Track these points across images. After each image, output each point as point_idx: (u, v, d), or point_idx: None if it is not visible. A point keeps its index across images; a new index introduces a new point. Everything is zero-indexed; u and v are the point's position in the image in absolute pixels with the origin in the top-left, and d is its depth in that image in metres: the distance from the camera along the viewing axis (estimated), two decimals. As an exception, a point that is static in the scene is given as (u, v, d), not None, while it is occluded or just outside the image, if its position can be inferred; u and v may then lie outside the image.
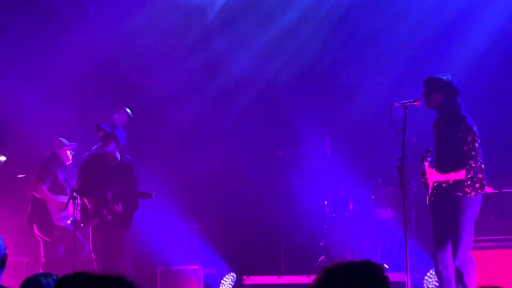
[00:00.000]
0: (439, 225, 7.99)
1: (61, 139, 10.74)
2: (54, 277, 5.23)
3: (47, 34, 12.04)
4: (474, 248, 8.21)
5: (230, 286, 11.32)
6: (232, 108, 12.39)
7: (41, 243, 10.45)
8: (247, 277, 11.20)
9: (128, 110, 10.84)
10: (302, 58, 12.04)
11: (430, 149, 7.87)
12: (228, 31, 12.37)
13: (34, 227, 10.42)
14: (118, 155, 9.72)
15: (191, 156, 12.36)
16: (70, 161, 10.75)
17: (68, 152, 10.72)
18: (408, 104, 7.88)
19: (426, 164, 7.87)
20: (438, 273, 8.05)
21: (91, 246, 9.78)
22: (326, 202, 11.24)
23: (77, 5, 12.62)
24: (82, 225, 9.72)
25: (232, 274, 11.39)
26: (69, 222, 10.32)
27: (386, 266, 10.14)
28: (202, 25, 12.52)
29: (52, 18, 12.24)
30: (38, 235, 10.43)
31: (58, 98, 12.00)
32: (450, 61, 10.43)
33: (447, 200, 7.88)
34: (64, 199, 10.11)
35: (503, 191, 9.84)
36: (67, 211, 10.24)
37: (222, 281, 11.34)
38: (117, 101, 11.74)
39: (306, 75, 12.16)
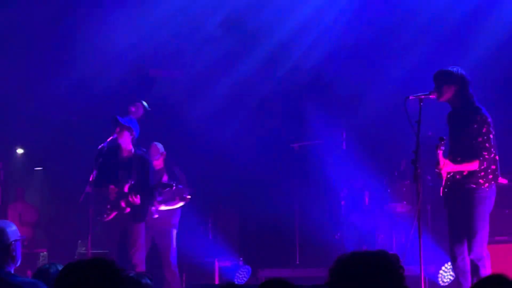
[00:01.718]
0: (454, 218, 7.94)
1: None
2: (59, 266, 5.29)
3: (68, 29, 12.04)
4: (490, 242, 8.15)
5: (245, 279, 11.34)
6: (248, 102, 12.38)
7: None
8: (262, 269, 11.19)
9: (144, 103, 10.82)
10: (319, 56, 11.99)
11: (444, 138, 7.82)
12: (240, 32, 12.36)
13: None
14: (132, 147, 9.68)
15: (208, 152, 12.34)
16: None
17: None
18: (423, 96, 7.82)
19: (440, 152, 7.80)
20: (455, 266, 7.99)
21: (106, 241, 9.78)
22: (341, 195, 11.23)
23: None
24: (98, 218, 9.63)
25: (247, 267, 11.43)
26: None
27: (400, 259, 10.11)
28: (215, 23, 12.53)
29: (72, 13, 12.24)
30: None
31: (77, 91, 11.99)
32: (461, 56, 10.40)
33: (461, 192, 7.83)
34: None
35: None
36: None
37: (237, 274, 11.39)
38: (134, 94, 11.78)
39: (323, 71, 12.11)
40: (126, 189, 9.45)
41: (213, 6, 12.48)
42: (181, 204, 10.61)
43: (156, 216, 10.14)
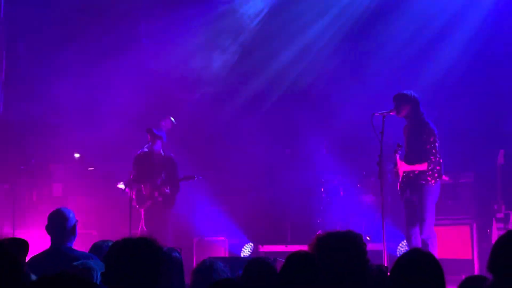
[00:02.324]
0: (409, 206, 8.00)
1: None
2: (110, 242, 5.31)
3: (110, 61, 12.06)
4: (436, 225, 8.21)
5: (249, 253, 11.28)
6: (254, 114, 12.33)
7: None
8: (262, 246, 11.21)
9: (172, 118, 10.88)
10: (308, 80, 12.02)
11: (401, 145, 7.90)
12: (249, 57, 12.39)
13: None
14: (162, 152, 9.75)
15: (220, 153, 12.34)
16: None
17: None
18: (385, 113, 7.91)
19: (397, 156, 7.88)
20: (409, 244, 8.04)
21: (143, 224, 9.75)
22: (322, 189, 11.21)
23: (133, 38, 12.67)
24: (137, 207, 9.68)
25: (250, 243, 11.38)
26: None
27: (368, 238, 10.12)
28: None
29: (113, 46, 12.22)
30: None
31: (119, 109, 12.03)
32: (417, 81, 10.40)
33: (414, 187, 7.89)
34: None
35: (458, 181, 9.84)
36: None
37: (242, 249, 11.33)
38: (164, 112, 11.79)
39: (310, 90, 12.12)
40: (158, 182, 9.52)
41: (232, 38, 12.53)
42: None
43: None
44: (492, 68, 10.62)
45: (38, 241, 7.36)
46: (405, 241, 9.30)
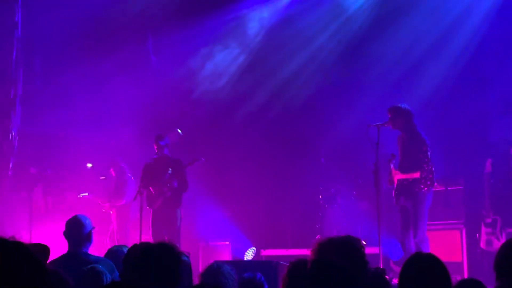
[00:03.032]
0: (403, 212, 8.02)
1: None
2: (124, 249, 5.33)
3: (121, 77, 12.12)
4: (428, 230, 8.24)
5: (252, 257, 11.29)
6: (258, 124, 12.35)
7: None
8: (264, 250, 11.19)
9: (179, 130, 10.94)
10: (308, 93, 12.07)
11: (395, 154, 7.94)
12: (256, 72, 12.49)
13: None
14: (169, 156, 9.77)
15: (224, 161, 12.36)
16: None
17: None
18: (379, 125, 7.95)
19: (392, 165, 7.93)
20: (404, 247, 8.06)
21: (153, 226, 9.69)
22: (320, 196, 11.23)
23: (143, 55, 12.74)
24: (148, 207, 9.67)
25: (253, 247, 11.38)
26: None
27: (364, 242, 10.12)
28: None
29: (124, 62, 12.28)
30: None
31: (129, 121, 12.08)
32: (410, 95, 10.45)
33: (407, 194, 7.92)
34: None
35: (449, 188, 9.87)
36: None
37: (245, 253, 11.34)
38: (170, 123, 11.84)
39: (310, 106, 12.14)
40: (166, 177, 9.52)
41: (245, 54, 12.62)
42: None
43: None
44: (479, 82, 10.69)
45: (53, 246, 7.38)
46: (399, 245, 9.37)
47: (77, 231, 5.71)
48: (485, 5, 10.69)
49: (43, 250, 4.82)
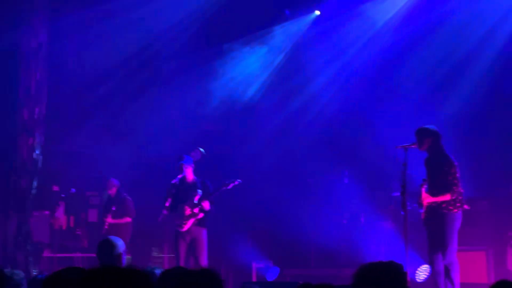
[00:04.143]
0: (432, 234, 7.91)
1: None
2: (157, 270, 5.26)
3: (145, 96, 12.19)
4: (458, 251, 8.13)
5: (275, 276, 11.22)
6: (280, 144, 12.34)
7: None
8: (287, 269, 11.16)
9: (201, 149, 10.95)
10: (330, 113, 12.04)
11: (426, 179, 7.88)
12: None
13: None
14: (194, 176, 9.74)
15: (248, 182, 12.32)
16: None
17: None
18: (407, 146, 7.89)
19: (423, 189, 7.86)
20: (432, 269, 7.95)
21: (176, 247, 9.61)
22: (344, 215, 11.18)
23: (164, 74, 12.82)
24: (177, 229, 9.53)
25: (276, 267, 11.32)
26: None
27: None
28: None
29: (145, 83, 12.36)
30: None
31: (151, 140, 12.12)
32: (436, 114, 10.41)
33: (437, 216, 7.83)
34: None
35: (475, 209, 9.76)
36: None
37: (268, 273, 11.25)
38: (194, 143, 11.86)
39: (332, 125, 12.14)
40: (196, 199, 9.48)
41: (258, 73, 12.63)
42: None
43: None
44: (505, 101, 10.64)
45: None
46: (423, 265, 9.28)
47: (108, 252, 5.68)
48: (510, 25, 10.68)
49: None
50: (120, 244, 5.69)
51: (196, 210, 9.43)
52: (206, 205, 9.39)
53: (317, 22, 12.37)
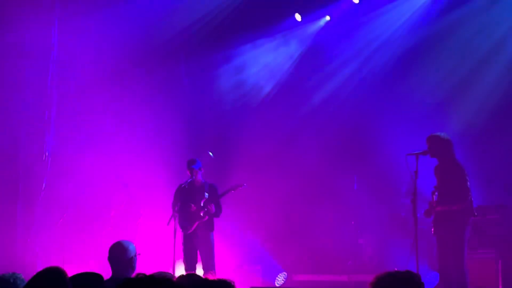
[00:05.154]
0: (442, 242, 7.88)
1: None
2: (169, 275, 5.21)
3: (156, 98, 12.21)
4: (468, 259, 8.11)
5: (283, 282, 11.20)
6: (290, 148, 12.34)
7: None
8: (295, 275, 11.14)
9: (210, 153, 10.93)
10: (340, 121, 12.04)
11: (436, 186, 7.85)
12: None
13: None
14: (203, 180, 9.72)
15: (256, 186, 12.31)
16: None
17: None
18: (418, 154, 7.85)
19: (434, 197, 7.82)
20: (442, 276, 7.92)
21: (184, 249, 9.57)
22: (353, 222, 11.16)
23: (176, 78, 12.83)
24: (183, 231, 9.51)
25: (284, 272, 11.30)
26: None
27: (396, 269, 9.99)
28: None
29: (156, 84, 12.38)
30: None
31: (162, 143, 12.14)
32: (447, 122, 10.38)
33: (447, 224, 7.79)
34: None
35: (486, 217, 9.74)
36: None
37: (276, 278, 11.25)
38: (202, 145, 11.87)
39: (343, 132, 12.13)
40: (202, 202, 9.46)
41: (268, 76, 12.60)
42: None
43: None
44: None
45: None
46: (433, 273, 9.24)
47: (119, 256, 5.65)
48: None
49: (97, 278, 4.74)
50: (132, 247, 5.66)
51: (202, 213, 9.42)
52: (212, 208, 9.38)
53: (327, 27, 12.34)
